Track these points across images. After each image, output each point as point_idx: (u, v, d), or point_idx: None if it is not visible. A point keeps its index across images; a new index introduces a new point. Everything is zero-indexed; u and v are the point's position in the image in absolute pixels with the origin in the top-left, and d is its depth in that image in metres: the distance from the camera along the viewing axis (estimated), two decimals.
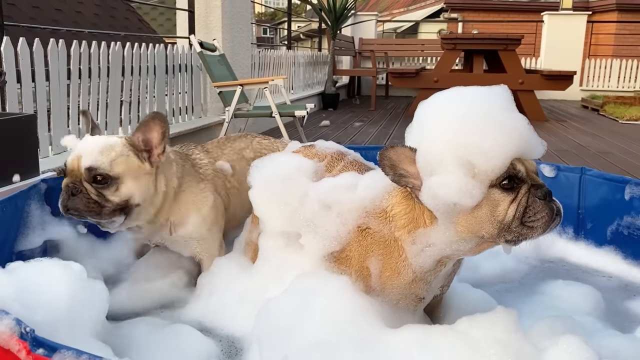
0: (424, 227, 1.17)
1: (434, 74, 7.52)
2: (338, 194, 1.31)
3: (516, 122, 1.09)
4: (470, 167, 1.06)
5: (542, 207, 1.07)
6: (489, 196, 1.08)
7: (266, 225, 1.46)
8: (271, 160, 1.53)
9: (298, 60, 7.98)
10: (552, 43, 10.09)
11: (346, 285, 1.24)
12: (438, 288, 1.32)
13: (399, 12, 22.54)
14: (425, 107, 1.18)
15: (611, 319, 1.54)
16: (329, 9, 8.33)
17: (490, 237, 1.11)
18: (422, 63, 11.12)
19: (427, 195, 1.12)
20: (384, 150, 1.15)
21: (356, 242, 1.27)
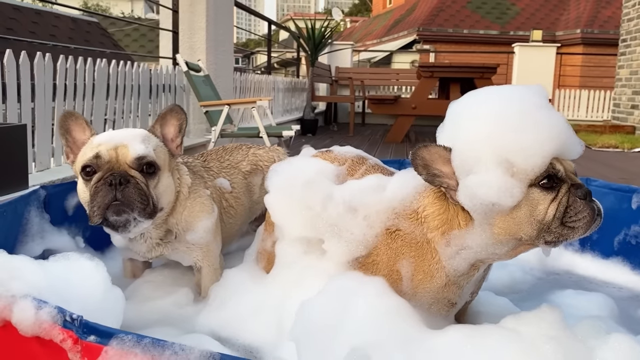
0: (459, 229, 1.13)
1: (411, 100, 7.62)
2: (364, 196, 1.27)
3: (555, 120, 1.07)
4: (509, 166, 1.04)
5: (584, 207, 1.05)
6: (528, 196, 1.05)
7: (285, 231, 1.40)
8: (290, 164, 1.48)
9: (277, 86, 8.01)
10: (523, 74, 10.39)
11: (383, 286, 1.19)
12: (469, 294, 1.29)
13: (372, 43, 23.01)
14: (459, 107, 1.16)
15: (630, 326, 1.53)
16: (308, 37, 8.42)
17: (528, 239, 1.08)
18: (396, 91, 11.30)
19: (464, 194, 1.08)
20: (417, 149, 1.12)
21: (384, 245, 1.23)
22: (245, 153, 1.94)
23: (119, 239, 1.55)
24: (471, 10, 20.32)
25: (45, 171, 3.03)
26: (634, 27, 8.26)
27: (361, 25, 32.19)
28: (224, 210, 1.73)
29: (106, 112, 3.70)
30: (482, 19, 20.00)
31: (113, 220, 1.39)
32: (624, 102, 8.39)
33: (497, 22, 19.91)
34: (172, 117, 1.52)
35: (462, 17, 19.92)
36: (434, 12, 19.99)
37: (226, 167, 1.83)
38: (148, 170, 1.42)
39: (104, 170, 1.38)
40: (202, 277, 1.63)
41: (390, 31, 22.52)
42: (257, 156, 1.95)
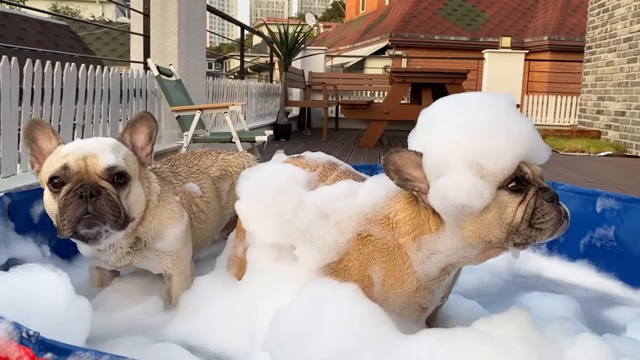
0: (430, 234, 1.15)
1: (384, 106, 7.68)
2: (336, 202, 1.28)
3: (523, 126, 1.10)
4: (479, 168, 1.06)
5: (551, 209, 1.08)
6: (497, 198, 1.07)
7: (256, 237, 1.40)
8: (261, 170, 1.48)
9: (251, 91, 7.98)
10: (493, 79, 10.58)
11: (356, 292, 1.19)
12: (439, 298, 1.30)
13: (345, 48, 23.13)
14: (430, 113, 1.18)
15: (594, 327, 1.56)
16: (281, 41, 8.42)
17: (498, 242, 1.10)
18: (369, 97, 11.37)
19: (435, 197, 1.10)
20: (389, 154, 1.13)
21: (356, 250, 1.23)
22: (214, 158, 1.92)
23: (87, 249, 1.52)
24: (442, 17, 20.62)
25: (11, 177, 2.96)
26: (598, 35, 8.48)
27: (334, 31, 32.36)
28: (195, 216, 1.72)
29: (75, 117, 3.64)
30: (453, 25, 20.31)
31: (84, 233, 1.36)
32: (590, 108, 8.61)
33: (467, 29, 20.25)
34: (141, 125, 1.50)
35: (434, 24, 20.20)
36: (406, 18, 20.21)
37: (195, 173, 1.81)
38: (119, 181, 1.39)
39: (73, 182, 1.34)
40: (172, 284, 1.61)
41: (363, 36, 22.69)
42: (226, 162, 1.93)
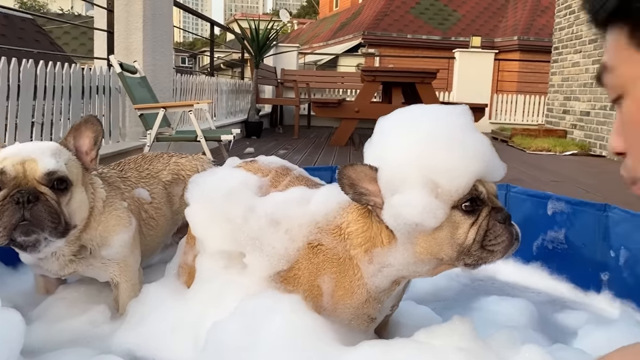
0: (382, 247, 1.13)
1: (355, 104, 7.69)
2: (288, 208, 1.25)
3: (480, 143, 1.09)
4: (434, 187, 1.04)
5: (502, 231, 1.07)
6: (450, 218, 1.06)
7: (205, 245, 1.36)
8: (212, 175, 1.44)
9: (221, 88, 7.90)
10: (463, 78, 10.67)
11: (299, 304, 1.18)
12: (389, 308, 1.29)
13: (318, 45, 23.11)
14: (387, 124, 1.15)
15: (547, 332, 1.59)
16: (252, 38, 8.35)
17: (449, 260, 1.09)
18: (342, 95, 11.38)
19: (389, 214, 1.08)
20: (343, 168, 1.11)
21: (306, 259, 1.21)
22: (166, 162, 1.87)
23: (27, 257, 1.47)
24: (415, 16, 20.75)
25: None
26: (565, 36, 8.64)
27: (308, 28, 32.30)
28: (144, 222, 1.68)
29: (34, 114, 3.54)
30: (425, 24, 20.47)
31: (21, 241, 1.31)
32: (557, 107, 8.77)
33: (439, 28, 20.42)
34: (86, 129, 1.45)
35: (406, 22, 20.32)
36: (379, 17, 20.29)
37: (145, 177, 1.76)
38: (59, 186, 1.34)
39: (10, 187, 1.29)
40: (119, 293, 1.57)
41: (337, 34, 22.70)
42: (179, 165, 1.88)
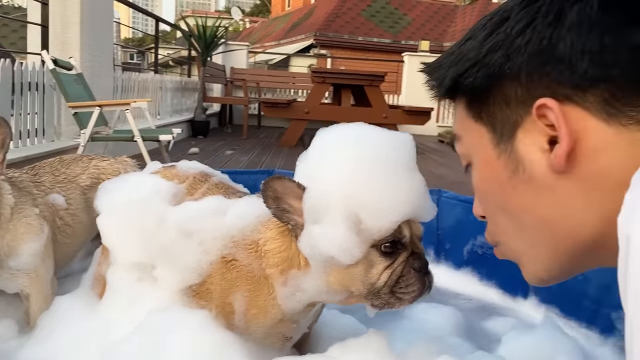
0: (298, 269, 1.08)
1: (305, 105, 7.66)
2: (201, 219, 1.19)
3: (415, 184, 1.04)
4: (357, 222, 0.99)
5: (415, 281, 1.03)
6: (367, 256, 1.02)
7: (116, 255, 1.29)
8: (124, 181, 1.37)
9: (166, 85, 7.71)
10: (411, 82, 10.84)
11: (207, 320, 1.12)
12: (306, 327, 1.25)
13: (270, 45, 22.98)
14: (326, 139, 1.09)
15: (474, 339, 1.59)
16: (199, 35, 8.19)
17: (359, 295, 1.06)
18: (293, 95, 11.34)
19: (306, 242, 1.03)
20: (270, 180, 1.04)
21: (219, 274, 1.15)
22: (85, 165, 1.77)
23: None
24: (366, 18, 20.95)
25: None
26: None
27: (260, 26, 32.09)
28: (59, 230, 1.58)
29: None
30: (376, 27, 20.68)
31: None
32: None
33: (390, 31, 20.69)
34: None
35: (357, 25, 20.48)
36: (331, 18, 20.36)
37: (61, 182, 1.66)
38: None
39: None
40: (30, 305, 1.47)
41: (288, 34, 22.64)
42: (99, 169, 1.78)
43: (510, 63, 0.68)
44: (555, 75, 0.65)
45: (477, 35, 0.73)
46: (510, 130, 0.70)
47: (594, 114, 0.64)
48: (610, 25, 0.64)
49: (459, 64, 0.74)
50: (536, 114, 0.66)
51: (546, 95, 0.66)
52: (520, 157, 0.70)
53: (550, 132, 0.66)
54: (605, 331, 1.65)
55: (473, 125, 0.75)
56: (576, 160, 0.65)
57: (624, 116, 0.63)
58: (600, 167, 0.64)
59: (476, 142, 0.76)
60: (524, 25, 0.68)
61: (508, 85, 0.70)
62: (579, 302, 1.73)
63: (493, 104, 0.72)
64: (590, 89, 0.64)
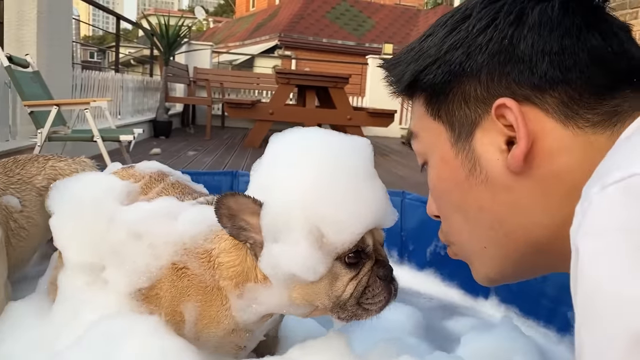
0: (255, 282, 1.04)
1: (269, 106, 7.63)
2: (152, 222, 1.14)
3: (376, 193, 1.01)
4: (319, 236, 0.95)
5: (381, 290, 1.01)
6: (331, 269, 0.99)
7: (68, 258, 1.24)
8: (77, 181, 1.31)
9: (127, 85, 7.54)
10: (375, 84, 10.92)
11: (157, 326, 1.08)
12: (262, 336, 1.22)
13: (234, 45, 22.81)
14: (280, 148, 1.04)
15: (433, 339, 1.61)
16: (161, 34, 8.06)
17: (324, 309, 1.04)
18: (257, 96, 11.27)
19: (266, 262, 0.99)
20: (223, 197, 0.99)
21: (169, 281, 1.11)
22: (41, 166, 1.70)
23: None
24: (330, 20, 21.04)
25: None
26: None
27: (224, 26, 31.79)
28: (13, 233, 1.52)
29: None
30: (340, 29, 20.80)
31: None
32: None
33: (354, 34, 20.84)
34: None
35: (322, 27, 20.55)
36: (295, 19, 20.37)
37: (16, 183, 1.60)
38: None
39: None
40: None
41: (253, 34, 22.53)
42: (56, 169, 1.72)
43: (470, 61, 0.69)
44: (515, 75, 0.66)
45: (438, 32, 0.73)
46: (468, 129, 0.71)
47: (552, 116, 0.65)
48: (570, 27, 0.64)
49: (419, 60, 0.74)
50: (495, 113, 0.67)
51: (506, 95, 0.66)
52: (478, 157, 0.70)
53: (509, 132, 0.66)
54: (562, 330, 1.69)
55: (431, 123, 0.75)
56: (533, 162, 0.65)
57: (581, 119, 0.64)
58: (556, 169, 0.65)
59: (434, 140, 0.76)
60: (485, 24, 0.68)
61: (468, 83, 0.70)
62: (538, 301, 1.78)
63: (452, 102, 0.72)
64: (549, 90, 0.64)
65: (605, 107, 0.64)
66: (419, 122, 0.78)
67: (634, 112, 0.63)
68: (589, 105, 0.64)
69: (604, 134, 0.63)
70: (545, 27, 0.65)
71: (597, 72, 0.64)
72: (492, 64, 0.67)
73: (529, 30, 0.65)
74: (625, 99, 0.64)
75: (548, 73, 0.64)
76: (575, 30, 0.64)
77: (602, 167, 0.52)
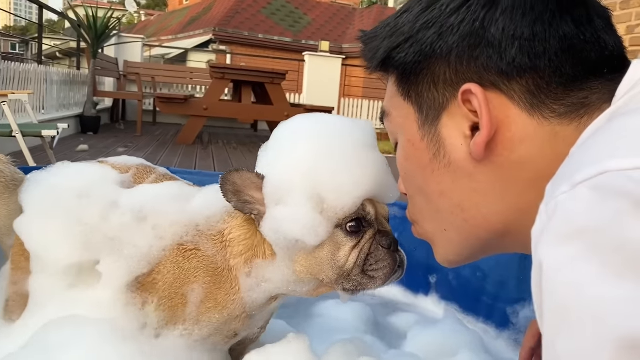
0: (264, 258, 1.03)
1: (203, 101, 7.43)
2: (160, 203, 1.09)
3: (375, 162, 1.02)
4: (319, 202, 0.96)
5: (385, 257, 1.00)
6: (333, 237, 0.99)
7: (46, 259, 1.12)
8: (59, 172, 1.19)
9: (52, 78, 7.13)
10: (312, 81, 10.93)
11: (112, 330, 1.00)
12: (258, 328, 1.19)
13: (167, 39, 22.21)
14: (285, 129, 1.07)
15: (380, 335, 1.61)
16: (89, 26, 7.68)
17: (329, 282, 1.02)
18: (191, 91, 11.00)
19: (268, 226, 0.99)
20: (228, 174, 1.00)
21: (173, 263, 1.06)
22: None
23: None
24: (266, 16, 20.90)
25: None
26: None
27: (156, 20, 30.91)
28: None
29: None
30: (276, 25, 20.70)
31: None
32: None
33: (290, 30, 20.80)
34: None
35: (257, 22, 20.37)
36: (230, 14, 20.07)
37: None
38: None
39: None
40: None
41: (186, 28, 22.01)
42: None
43: (441, 42, 0.66)
44: (484, 60, 0.64)
45: (413, 9, 0.70)
46: (435, 112, 0.69)
47: (518, 104, 0.63)
48: (543, 12, 0.63)
49: (393, 37, 0.71)
50: (461, 98, 0.65)
51: (473, 80, 0.64)
52: (443, 141, 0.69)
53: (474, 118, 0.65)
54: (500, 325, 1.73)
55: (402, 103, 0.74)
56: (495, 150, 0.64)
57: (547, 109, 0.62)
58: (518, 158, 0.63)
59: (403, 121, 0.75)
60: (459, 4, 0.66)
61: (438, 65, 0.68)
62: (477, 298, 1.80)
63: (422, 83, 0.70)
64: (517, 78, 0.63)
65: (572, 98, 0.62)
66: (391, 101, 0.77)
67: (603, 105, 0.61)
68: (556, 95, 0.63)
69: (571, 125, 0.62)
70: (517, 10, 0.63)
71: (566, 61, 0.62)
72: (462, 47, 0.65)
73: (502, 13, 0.63)
74: (593, 91, 0.63)
75: (517, 59, 0.62)
76: (549, 15, 0.62)
77: (569, 165, 0.50)
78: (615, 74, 0.62)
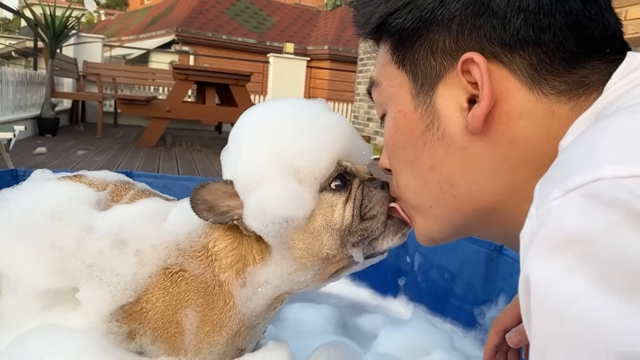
0: (254, 265, 0.98)
1: (166, 103, 7.31)
2: (139, 225, 1.03)
3: (336, 122, 0.98)
4: (294, 172, 0.92)
5: (378, 194, 0.95)
6: (321, 203, 0.94)
7: (18, 284, 1.03)
8: (27, 190, 1.11)
9: (7, 78, 6.90)
10: (277, 83, 10.89)
11: (90, 342, 0.96)
12: (262, 333, 1.13)
13: (128, 39, 21.79)
14: (238, 127, 1.02)
15: (353, 336, 1.61)
16: (46, 25, 7.45)
17: (334, 252, 0.95)
18: (153, 92, 10.80)
19: (252, 216, 0.93)
20: (195, 192, 0.94)
21: (161, 289, 1.00)
22: None
23: None
24: (230, 17, 20.74)
25: None
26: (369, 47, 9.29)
27: (117, 19, 30.27)
28: None
29: None
30: (240, 26, 20.57)
31: None
32: (362, 115, 9.39)
33: (254, 31, 20.70)
34: None
35: (221, 23, 20.20)
36: (193, 14, 19.85)
37: None
38: None
39: None
40: None
41: (148, 28, 21.65)
42: None
43: (443, 9, 0.64)
44: (487, 30, 0.62)
45: None
46: (431, 82, 0.67)
47: (518, 77, 0.62)
48: None
49: (390, 1, 0.69)
50: (461, 68, 0.63)
51: (474, 49, 0.63)
52: (437, 112, 0.67)
53: (472, 90, 0.63)
54: (467, 325, 1.76)
55: (395, 71, 0.71)
56: (492, 123, 0.62)
57: (547, 84, 0.61)
58: (513, 134, 0.62)
59: (395, 90, 0.72)
60: None
61: (437, 32, 0.66)
62: (445, 299, 1.82)
63: (419, 51, 0.68)
64: (519, 50, 0.62)
65: (574, 76, 0.61)
66: (383, 69, 0.74)
67: (601, 86, 0.60)
68: (557, 71, 0.61)
69: (568, 104, 0.61)
70: None
71: (570, 37, 0.61)
72: (465, 15, 0.63)
73: None
74: (594, 70, 0.62)
75: (521, 31, 0.61)
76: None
77: (560, 165, 0.48)
78: (617, 54, 0.62)
